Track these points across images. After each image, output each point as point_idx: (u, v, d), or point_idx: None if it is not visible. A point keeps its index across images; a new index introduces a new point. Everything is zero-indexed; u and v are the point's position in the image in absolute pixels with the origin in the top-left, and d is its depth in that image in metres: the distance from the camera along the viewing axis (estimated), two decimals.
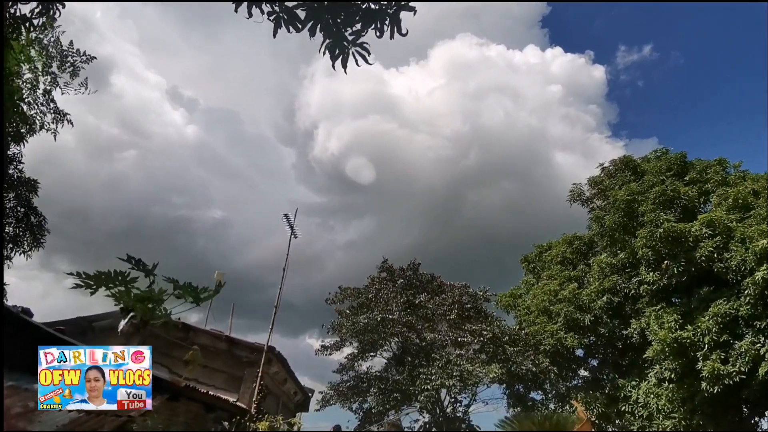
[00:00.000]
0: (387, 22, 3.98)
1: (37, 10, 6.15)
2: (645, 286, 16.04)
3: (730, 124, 65.22)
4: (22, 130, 10.67)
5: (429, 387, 16.95)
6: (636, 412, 16.31)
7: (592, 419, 18.14)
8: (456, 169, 55.36)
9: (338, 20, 4.16)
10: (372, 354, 20.46)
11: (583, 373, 20.34)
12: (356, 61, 4.20)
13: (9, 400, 4.65)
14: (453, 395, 18.95)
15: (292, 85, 78.29)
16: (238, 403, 9.61)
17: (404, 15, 3.88)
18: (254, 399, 9.54)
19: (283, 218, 11.45)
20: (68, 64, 9.61)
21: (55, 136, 10.28)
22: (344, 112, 61.97)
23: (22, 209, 12.35)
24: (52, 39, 9.62)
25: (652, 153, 19.75)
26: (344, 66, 4.19)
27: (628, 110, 77.32)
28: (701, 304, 14.77)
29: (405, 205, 58.94)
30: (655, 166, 18.33)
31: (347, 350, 20.53)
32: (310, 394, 16.17)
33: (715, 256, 14.44)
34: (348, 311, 20.06)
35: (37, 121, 10.02)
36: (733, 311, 13.99)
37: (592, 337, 19.09)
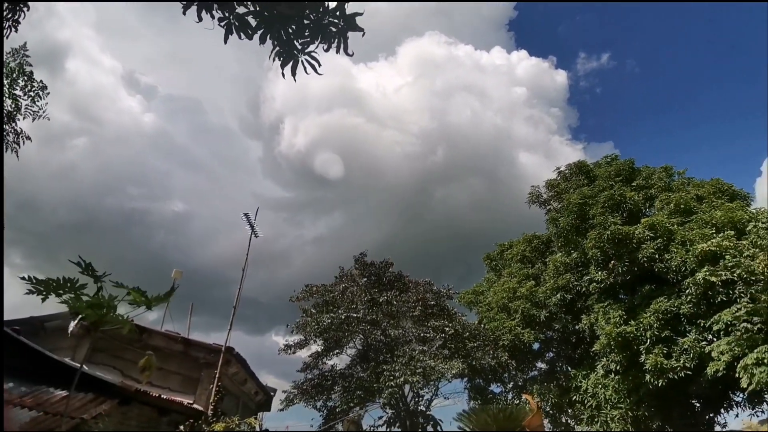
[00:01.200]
0: (335, 39, 4.09)
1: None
2: (594, 284, 17.02)
3: (679, 130, 69.60)
4: None
5: (393, 383, 17.24)
6: (586, 402, 17.26)
7: (547, 409, 19.07)
8: (423, 166, 56.28)
9: (289, 30, 4.24)
10: (337, 351, 20.58)
11: (539, 365, 21.35)
12: (305, 69, 4.29)
13: None
14: (416, 390, 19.38)
15: (257, 76, 76.77)
16: (195, 405, 9.50)
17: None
18: (211, 400, 9.46)
19: (242, 217, 11.31)
20: (29, 88, 9.50)
21: (15, 150, 9.99)
22: (310, 106, 61.50)
23: None
24: (18, 62, 9.46)
25: (603, 159, 20.96)
26: (293, 73, 4.27)
27: (587, 115, 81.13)
28: (643, 301, 15.81)
29: (373, 201, 59.34)
30: (605, 171, 19.43)
31: (313, 347, 20.57)
32: (272, 394, 16.08)
33: (656, 256, 15.48)
34: (313, 310, 20.07)
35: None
36: (674, 309, 14.94)
37: (548, 332, 20.03)
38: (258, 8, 4.09)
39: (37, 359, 5.46)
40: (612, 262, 16.42)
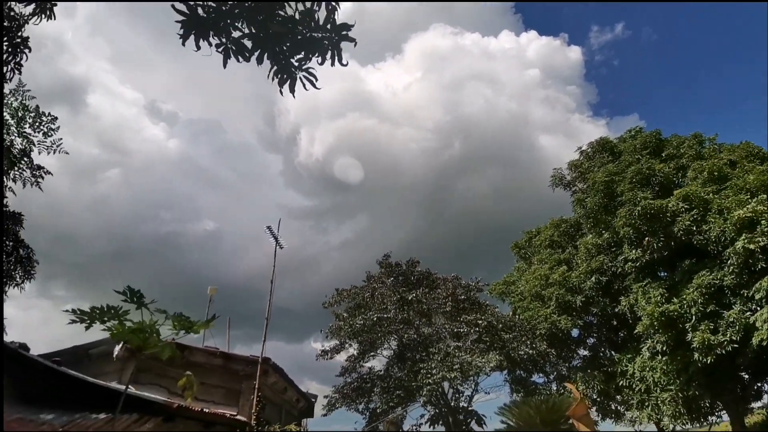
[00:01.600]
0: (329, 52, 4.16)
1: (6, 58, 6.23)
2: (630, 263, 16.35)
3: (705, 96, 65.92)
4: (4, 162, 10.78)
5: (430, 381, 17.20)
6: (634, 386, 16.63)
7: (593, 397, 18.52)
8: (441, 160, 55.82)
9: (284, 48, 4.34)
10: (372, 354, 20.76)
11: (582, 352, 20.73)
12: (304, 85, 4.39)
13: None
14: (455, 387, 19.27)
15: (269, 91, 78.28)
16: (238, 417, 9.81)
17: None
18: (253, 411, 9.75)
19: (266, 230, 11.60)
20: (38, 123, 9.88)
21: (36, 184, 10.44)
22: (323, 113, 62.16)
23: (11, 243, 12.43)
24: (20, 101, 9.85)
25: (627, 133, 20.06)
26: (291, 91, 4.38)
27: (606, 89, 78.07)
28: (684, 276, 15.07)
29: (394, 200, 59.35)
30: (630, 146, 18.62)
31: (350, 351, 20.84)
32: (313, 400, 16.35)
33: (694, 228, 14.72)
34: (345, 313, 20.33)
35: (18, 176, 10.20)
36: (717, 281, 14.21)
37: (586, 318, 19.43)
38: (252, 30, 4.20)
39: (79, 387, 5.78)
40: (646, 238, 15.73)
